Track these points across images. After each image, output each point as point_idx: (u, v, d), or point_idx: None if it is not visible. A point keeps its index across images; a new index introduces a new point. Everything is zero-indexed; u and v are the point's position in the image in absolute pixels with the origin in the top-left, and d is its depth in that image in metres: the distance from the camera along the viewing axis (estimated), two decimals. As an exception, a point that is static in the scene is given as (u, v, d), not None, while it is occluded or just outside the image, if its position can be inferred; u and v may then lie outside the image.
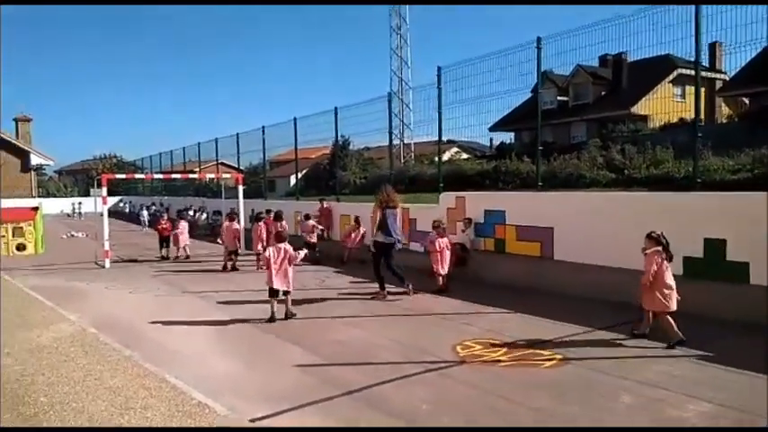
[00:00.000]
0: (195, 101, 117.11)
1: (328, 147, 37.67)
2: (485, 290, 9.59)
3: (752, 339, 6.39)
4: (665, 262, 6.41)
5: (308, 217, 14.94)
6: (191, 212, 23.54)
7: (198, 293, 10.15)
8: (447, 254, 9.81)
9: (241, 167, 28.54)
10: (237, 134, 25.03)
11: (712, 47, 30.19)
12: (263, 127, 22.42)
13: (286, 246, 8.04)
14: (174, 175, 21.78)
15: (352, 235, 13.77)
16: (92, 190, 49.37)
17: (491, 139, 40.01)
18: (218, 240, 15.07)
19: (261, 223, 13.29)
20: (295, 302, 8.38)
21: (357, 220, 13.97)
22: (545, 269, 9.71)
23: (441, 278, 9.72)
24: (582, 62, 35.08)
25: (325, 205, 16.25)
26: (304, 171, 44.33)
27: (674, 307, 6.33)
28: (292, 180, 47.92)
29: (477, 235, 11.22)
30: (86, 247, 17.06)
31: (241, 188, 16.75)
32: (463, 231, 11.38)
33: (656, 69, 32.65)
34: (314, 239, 14.02)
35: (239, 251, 13.57)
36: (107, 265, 13.79)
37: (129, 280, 11.82)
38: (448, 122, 13.15)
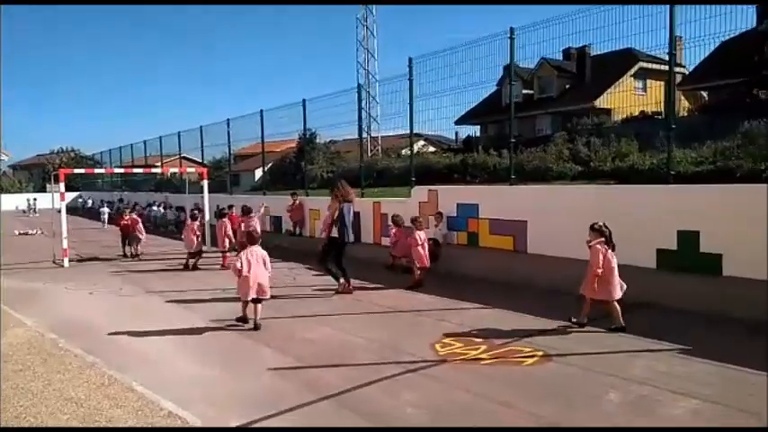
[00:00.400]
0: (157, 94, 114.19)
1: (293, 140, 37.32)
2: (459, 284, 9.47)
3: (726, 331, 6.41)
4: (610, 251, 6.58)
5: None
6: (154, 208, 22.87)
7: (162, 293, 9.75)
8: (426, 248, 9.66)
9: (205, 162, 27.94)
10: (201, 127, 24.52)
11: (673, 41, 30.71)
12: (228, 120, 22.09)
13: (259, 250, 7.34)
14: (136, 170, 21.00)
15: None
16: (48, 185, 47.88)
17: (456, 133, 40.00)
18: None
19: (225, 219, 12.89)
20: (266, 301, 8.09)
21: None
22: (518, 263, 9.64)
23: (418, 272, 9.55)
24: (546, 55, 35.55)
25: (297, 200, 15.90)
26: (269, 165, 43.77)
27: (617, 295, 6.56)
28: (257, 174, 47.26)
29: (450, 229, 11.11)
30: (42, 246, 16.36)
31: (206, 183, 16.24)
32: (435, 226, 11.24)
33: (618, 63, 33.12)
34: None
35: (202, 249, 13.02)
36: (66, 263, 13.21)
37: (89, 279, 11.32)
38: (415, 115, 12.96)
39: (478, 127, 41.20)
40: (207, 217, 15.40)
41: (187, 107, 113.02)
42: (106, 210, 23.56)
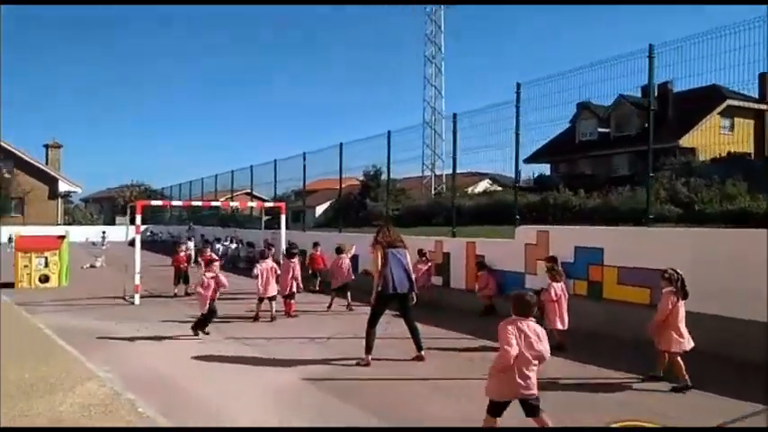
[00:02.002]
0: (222, 130, 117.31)
1: (353, 177, 36.68)
2: (587, 344, 8.01)
3: None
4: (680, 301, 6.36)
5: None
6: (225, 243, 22.23)
7: (246, 341, 8.68)
8: (565, 303, 8.13)
9: (265, 197, 27.48)
10: (276, 161, 24.18)
11: (762, 77, 28.66)
12: (304, 153, 21.44)
13: None
14: (213, 203, 20.34)
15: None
16: (117, 218, 48.95)
17: (518, 171, 38.03)
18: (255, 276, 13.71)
19: (294, 260, 11.48)
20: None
21: (421, 252, 12.42)
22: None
23: (556, 334, 8.07)
24: (623, 92, 33.87)
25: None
26: (329, 202, 43.27)
27: (687, 347, 6.29)
28: (318, 210, 46.81)
29: (567, 276, 9.65)
30: (112, 280, 15.74)
31: (283, 217, 15.35)
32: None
33: (703, 100, 31.08)
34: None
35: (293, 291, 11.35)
36: (137, 300, 12.42)
37: (163, 321, 10.41)
38: (479, 155, 13.23)
39: (549, 165, 39.63)
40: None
41: (247, 144, 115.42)
42: (192, 245, 22.47)
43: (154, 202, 17.96)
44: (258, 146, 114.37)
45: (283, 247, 14.46)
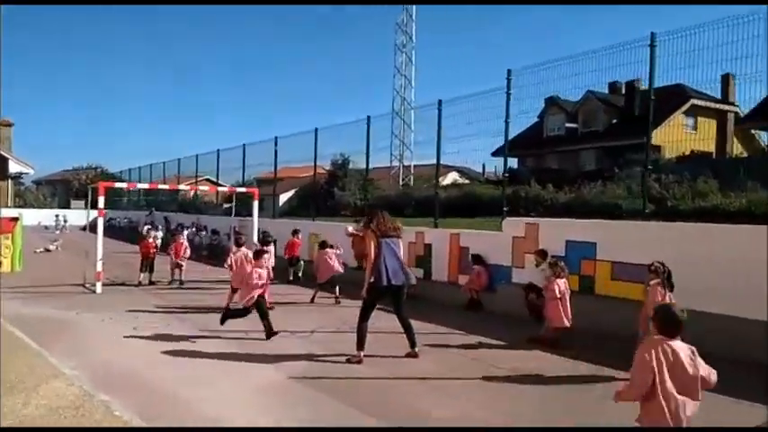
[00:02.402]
0: (181, 115, 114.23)
1: (319, 165, 35.99)
2: (588, 343, 7.72)
3: None
4: (668, 293, 6.33)
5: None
6: (192, 230, 21.36)
7: (222, 335, 8.11)
8: (568, 300, 7.78)
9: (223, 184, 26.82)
10: (244, 145, 23.55)
11: (725, 78, 29.18)
12: (276, 137, 20.85)
13: None
14: (182, 187, 19.52)
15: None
16: (72, 201, 46.85)
17: (483, 165, 38.08)
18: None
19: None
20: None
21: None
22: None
23: (551, 330, 7.77)
24: (591, 88, 34.09)
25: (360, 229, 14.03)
26: (293, 190, 42.44)
27: None
28: (282, 199, 45.91)
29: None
30: (69, 266, 14.84)
31: (256, 204, 14.69)
32: (537, 266, 9.56)
33: (668, 99, 31.53)
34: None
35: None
36: (98, 289, 11.65)
37: (129, 311, 9.73)
38: (447, 146, 13.41)
39: (516, 159, 39.68)
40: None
41: (206, 131, 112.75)
42: (160, 234, 21.31)
43: (118, 184, 16.89)
44: (215, 133, 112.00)
45: (255, 235, 13.87)
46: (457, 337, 8.21)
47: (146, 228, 17.74)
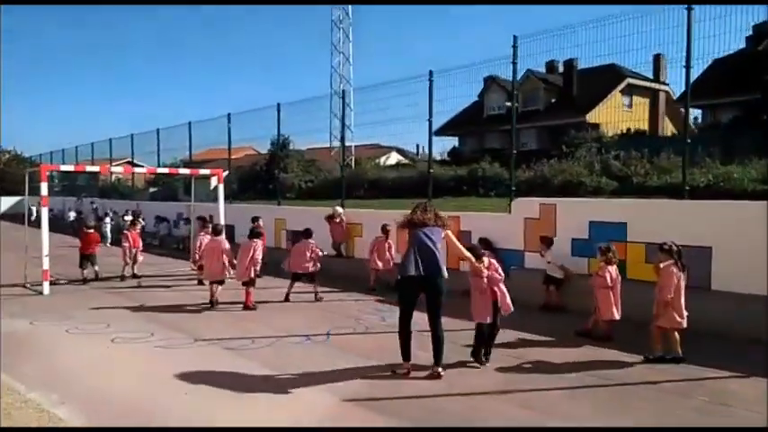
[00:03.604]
0: (96, 96, 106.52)
1: (250, 147, 34.33)
2: (626, 332, 7.05)
3: None
4: (682, 275, 6.09)
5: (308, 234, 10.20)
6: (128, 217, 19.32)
7: (223, 343, 6.86)
8: (619, 289, 7.05)
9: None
10: (158, 130, 22.38)
11: (656, 58, 29.93)
12: (190, 123, 20.01)
13: None
14: (138, 170, 17.62)
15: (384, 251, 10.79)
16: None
17: (417, 145, 37.49)
18: (193, 261, 11.64)
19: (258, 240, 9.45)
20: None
21: (384, 229, 10.96)
22: (697, 303, 7.32)
23: (602, 324, 7.03)
24: (531, 68, 34.19)
25: (339, 216, 12.80)
26: (225, 173, 40.33)
27: (684, 325, 6.05)
28: (213, 182, 43.61)
29: (579, 254, 8.71)
30: (2, 263, 12.85)
31: (221, 187, 13.19)
32: (542, 256, 8.84)
33: (604, 78, 32.10)
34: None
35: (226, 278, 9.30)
36: (46, 290, 9.96)
37: (93, 316, 8.23)
38: (388, 127, 13.64)
39: (457, 139, 39.39)
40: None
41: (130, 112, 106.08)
42: (108, 222, 19.13)
43: (63, 167, 14.72)
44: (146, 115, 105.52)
45: (222, 220, 12.46)
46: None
47: (83, 216, 15.87)
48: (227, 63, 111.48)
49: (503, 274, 6.26)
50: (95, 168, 16.35)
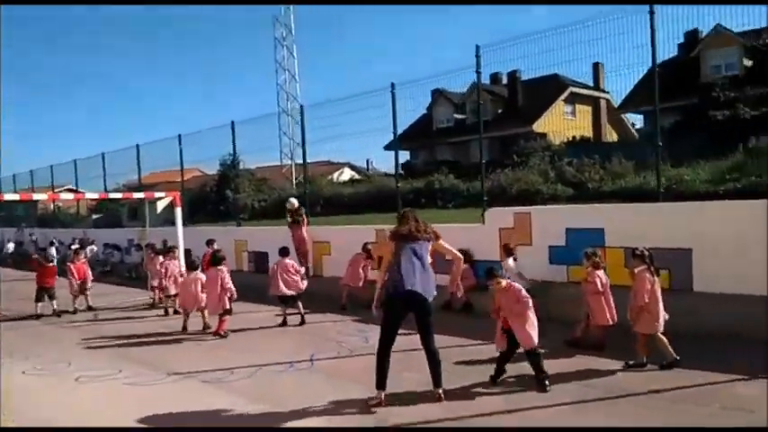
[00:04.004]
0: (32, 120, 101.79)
1: (195, 169, 33.44)
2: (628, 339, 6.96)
3: None
4: (656, 278, 6.12)
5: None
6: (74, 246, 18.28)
7: (200, 377, 6.39)
8: (609, 294, 6.94)
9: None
10: (103, 154, 21.79)
11: (595, 67, 30.97)
12: (138, 145, 19.71)
13: None
14: (91, 195, 16.95)
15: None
16: None
17: (367, 161, 37.57)
18: (159, 289, 10.89)
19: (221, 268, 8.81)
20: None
21: (365, 248, 10.66)
22: (682, 304, 7.33)
23: (597, 331, 6.89)
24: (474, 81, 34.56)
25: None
26: (167, 199, 39.24)
27: (661, 329, 6.04)
28: (159, 206, 42.37)
29: (558, 262, 8.63)
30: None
31: (179, 210, 12.54)
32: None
33: (547, 88, 32.86)
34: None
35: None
36: (-7, 330, 9.18)
37: (51, 354, 7.58)
38: (337, 144, 14.23)
39: (408, 153, 39.49)
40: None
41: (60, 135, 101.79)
42: (53, 252, 17.74)
43: (8, 196, 13.65)
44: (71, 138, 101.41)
45: (182, 247, 11.86)
46: (483, 349, 7.07)
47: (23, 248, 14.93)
48: (161, 83, 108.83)
49: (526, 298, 5.72)
50: (43, 196, 15.34)
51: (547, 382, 5.48)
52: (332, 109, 13.66)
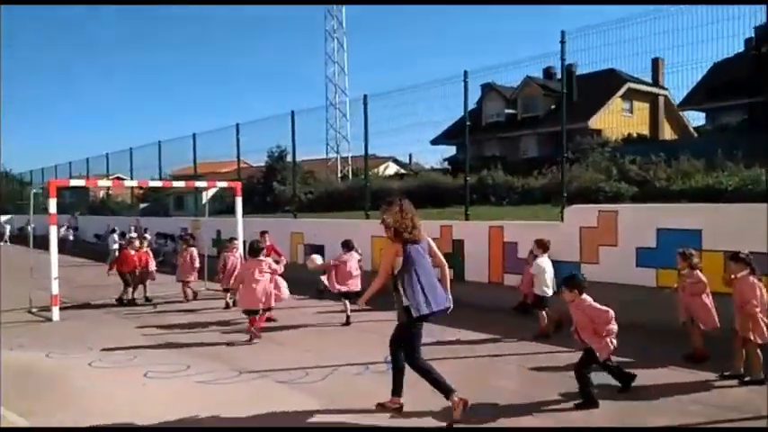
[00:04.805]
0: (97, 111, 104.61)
1: (242, 160, 33.54)
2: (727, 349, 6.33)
3: None
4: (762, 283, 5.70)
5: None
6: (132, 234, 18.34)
7: (267, 374, 6.05)
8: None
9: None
10: (159, 142, 21.83)
11: (655, 62, 29.67)
12: (194, 134, 19.72)
13: None
14: (177, 183, 16.74)
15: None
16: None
17: (410, 155, 37.10)
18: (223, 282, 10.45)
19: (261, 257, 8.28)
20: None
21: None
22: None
23: (699, 339, 6.34)
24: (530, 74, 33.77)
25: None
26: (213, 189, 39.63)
27: None
28: (204, 196, 42.89)
29: (645, 265, 8.01)
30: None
31: (239, 201, 12.28)
32: (528, 264, 8.14)
33: (604, 83, 31.71)
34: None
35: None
36: (56, 315, 9.07)
37: (116, 346, 7.37)
38: (382, 138, 13.72)
39: (455, 147, 38.83)
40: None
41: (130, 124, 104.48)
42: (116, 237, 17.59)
43: (74, 182, 13.71)
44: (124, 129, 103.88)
45: (241, 238, 11.62)
46: (561, 356, 6.51)
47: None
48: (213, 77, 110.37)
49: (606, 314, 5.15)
50: (107, 183, 15.24)
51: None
52: (379, 101, 13.56)
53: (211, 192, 42.59)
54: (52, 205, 9.25)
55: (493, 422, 4.69)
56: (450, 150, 38.37)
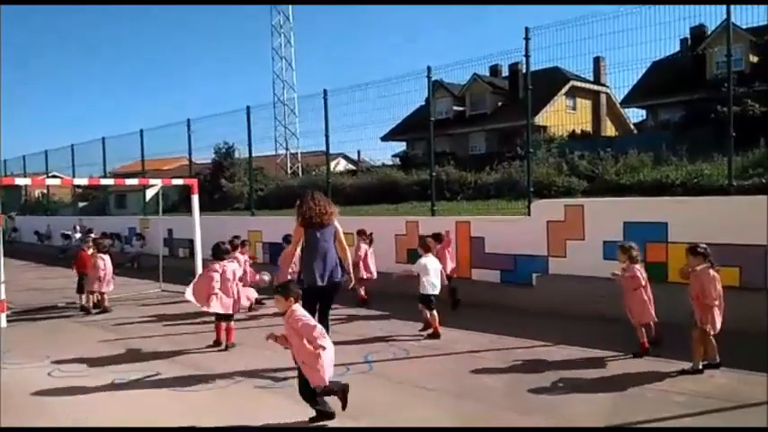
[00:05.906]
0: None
1: (183, 157, 32.68)
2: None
3: None
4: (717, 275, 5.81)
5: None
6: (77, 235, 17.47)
7: (243, 381, 5.80)
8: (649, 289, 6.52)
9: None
10: (103, 138, 20.94)
11: (596, 61, 30.63)
12: (141, 130, 18.97)
13: None
14: (103, 181, 15.69)
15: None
16: None
17: (359, 152, 36.93)
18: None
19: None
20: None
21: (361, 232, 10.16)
22: (756, 304, 6.89)
23: (645, 330, 6.42)
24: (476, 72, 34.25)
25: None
26: (156, 187, 38.39)
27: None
28: (148, 194, 41.49)
29: (613, 258, 8.11)
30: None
31: (195, 198, 11.79)
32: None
33: (548, 81, 32.40)
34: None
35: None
36: (3, 322, 8.47)
37: (74, 354, 6.92)
38: (332, 134, 13.72)
39: (405, 143, 38.90)
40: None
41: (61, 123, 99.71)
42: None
43: (19, 181, 12.72)
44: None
45: (198, 235, 11.20)
46: (542, 350, 6.53)
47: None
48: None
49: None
50: (56, 181, 14.25)
51: None
52: (331, 98, 13.47)
53: (154, 190, 41.16)
54: (-4, 205, 8.62)
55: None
56: (400, 146, 38.45)
